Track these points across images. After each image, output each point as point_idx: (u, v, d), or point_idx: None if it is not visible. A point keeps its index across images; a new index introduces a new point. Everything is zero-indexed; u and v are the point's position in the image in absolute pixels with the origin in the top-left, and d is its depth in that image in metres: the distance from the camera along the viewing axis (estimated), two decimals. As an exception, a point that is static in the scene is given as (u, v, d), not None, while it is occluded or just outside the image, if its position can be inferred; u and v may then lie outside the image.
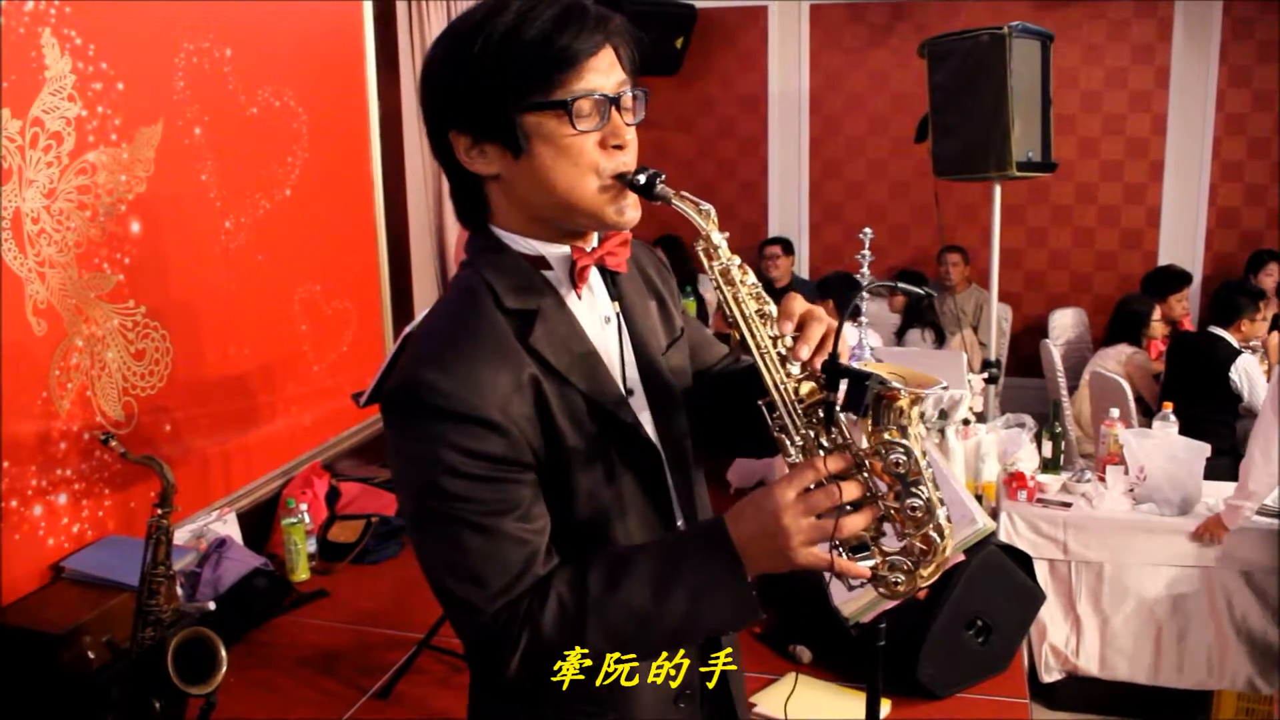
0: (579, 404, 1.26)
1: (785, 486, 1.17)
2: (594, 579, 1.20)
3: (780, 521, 1.16)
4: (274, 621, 3.80)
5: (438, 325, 1.28)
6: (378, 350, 5.06)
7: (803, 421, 1.22)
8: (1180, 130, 7.10)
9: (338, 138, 4.84)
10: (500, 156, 1.23)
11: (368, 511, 4.43)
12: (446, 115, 1.25)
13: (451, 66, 1.22)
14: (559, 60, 1.18)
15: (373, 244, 5.19)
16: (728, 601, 1.20)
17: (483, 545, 1.18)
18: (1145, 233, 7.27)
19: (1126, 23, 7.04)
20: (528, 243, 1.29)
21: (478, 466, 1.18)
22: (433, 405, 1.17)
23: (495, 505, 1.19)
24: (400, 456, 1.23)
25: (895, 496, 1.19)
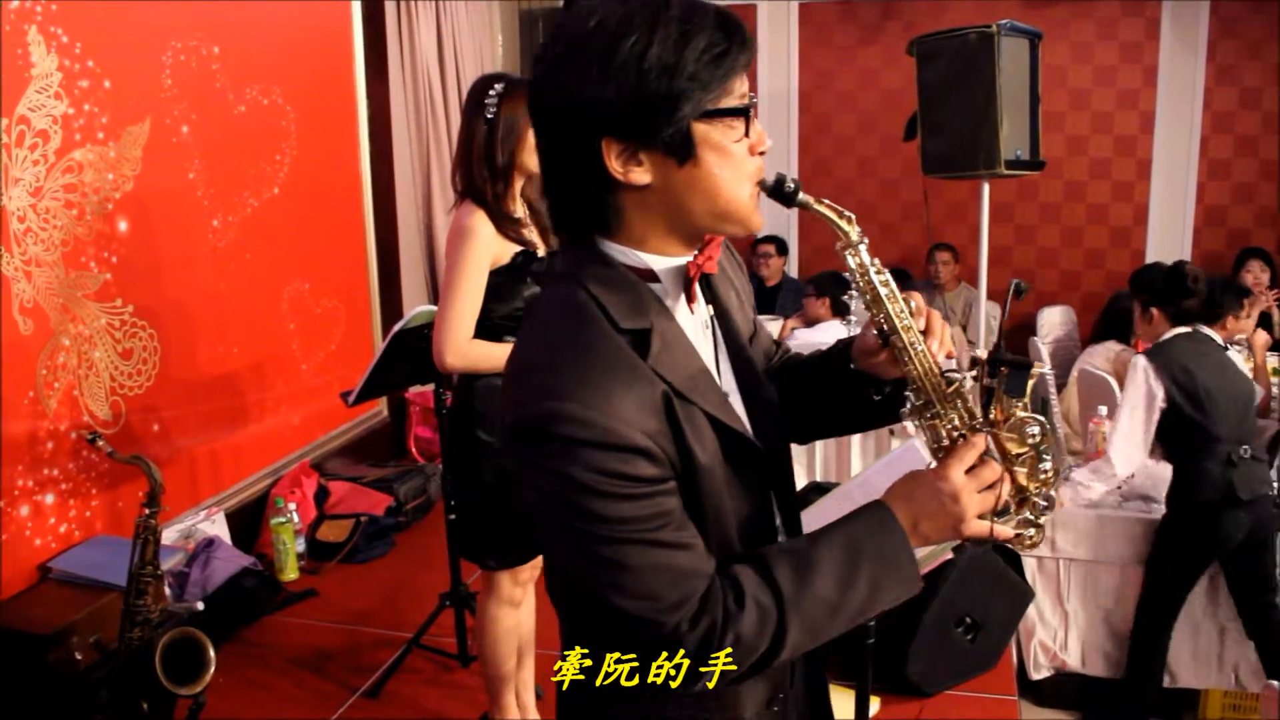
0: (700, 419, 1.24)
1: (955, 467, 1.28)
2: (782, 578, 1.21)
3: (960, 500, 1.26)
4: (263, 621, 3.80)
5: (554, 349, 1.21)
6: (366, 349, 5.05)
7: (949, 407, 1.33)
8: (1168, 128, 7.11)
9: (326, 136, 4.83)
10: (660, 165, 1.20)
11: (356, 511, 4.43)
12: (601, 121, 1.18)
13: (618, 75, 1.16)
14: (730, 69, 1.19)
15: (361, 243, 5.19)
16: (900, 581, 1.26)
17: (648, 560, 1.16)
18: (1133, 231, 7.28)
19: (1115, 21, 7.04)
20: (638, 256, 1.26)
21: (629, 487, 1.15)
22: (577, 439, 1.13)
23: (651, 521, 1.17)
24: (542, 489, 1.19)
25: (1027, 462, 1.34)
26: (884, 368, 1.38)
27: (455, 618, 3.43)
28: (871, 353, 1.38)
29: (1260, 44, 6.87)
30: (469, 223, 2.59)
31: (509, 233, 2.63)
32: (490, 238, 2.60)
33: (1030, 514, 1.36)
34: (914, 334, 1.32)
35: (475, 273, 2.60)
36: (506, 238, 2.63)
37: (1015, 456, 1.33)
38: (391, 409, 5.47)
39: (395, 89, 5.44)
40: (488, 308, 2.64)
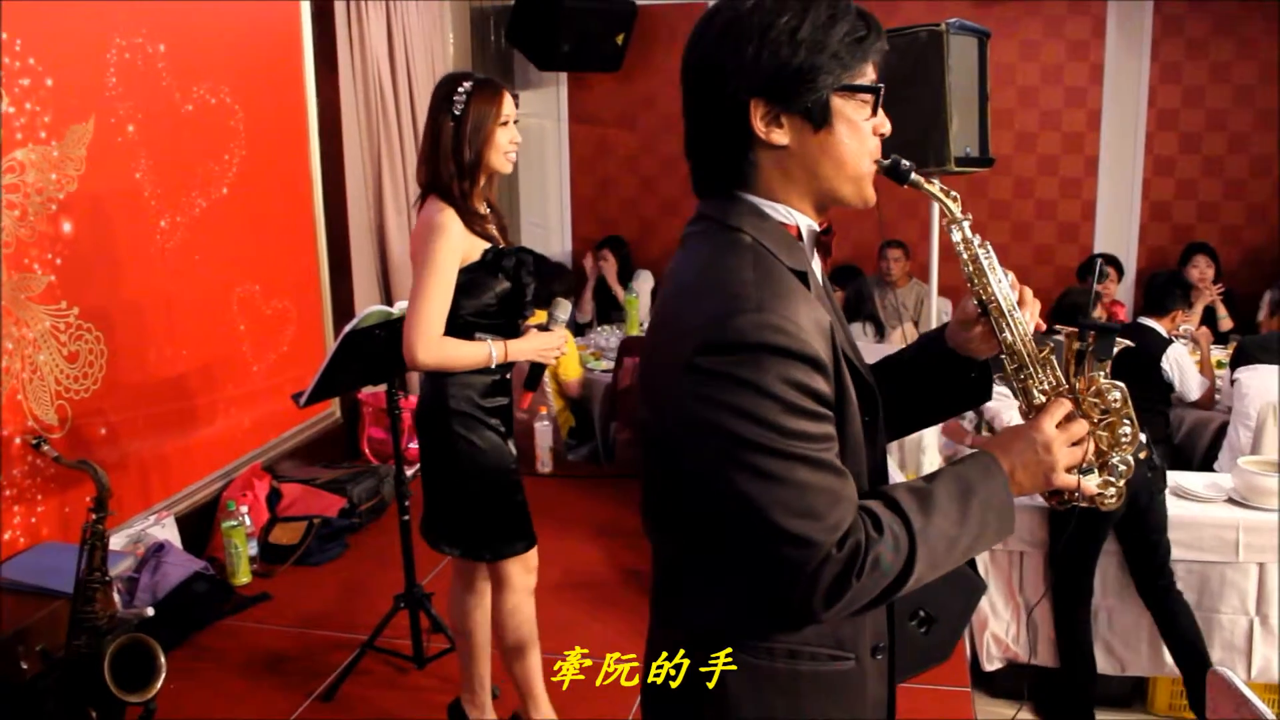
0: (842, 358, 1.34)
1: (1049, 420, 1.41)
2: (911, 511, 1.30)
3: (1052, 450, 1.40)
4: (215, 626, 3.76)
5: (740, 273, 1.30)
6: (318, 350, 5.00)
7: (1040, 370, 1.47)
8: (1114, 126, 7.21)
9: (276, 135, 4.78)
10: (799, 129, 1.34)
11: (309, 513, 4.39)
12: (753, 83, 1.32)
13: (775, 40, 1.30)
14: (867, 52, 1.34)
15: (312, 243, 5.14)
16: (1003, 519, 1.38)
17: (819, 480, 1.24)
18: (1081, 226, 7.37)
19: (1061, 19, 7.13)
20: (786, 211, 1.38)
21: (810, 403, 1.24)
22: (772, 344, 1.22)
23: (824, 441, 1.26)
24: (726, 403, 1.24)
25: (1108, 426, 1.47)
26: (977, 343, 1.53)
27: (410, 619, 3.41)
28: (970, 323, 1.52)
29: (1202, 43, 7.00)
30: (439, 219, 2.60)
31: (476, 228, 2.65)
32: (460, 234, 2.61)
33: (1110, 475, 1.48)
34: (1010, 304, 1.46)
35: (446, 269, 2.60)
36: (474, 233, 2.64)
37: (1098, 420, 1.46)
38: (344, 410, 5.43)
39: (346, 87, 5.39)
40: (457, 304, 2.65)
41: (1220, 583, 3.74)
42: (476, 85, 2.67)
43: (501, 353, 2.72)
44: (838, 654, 1.40)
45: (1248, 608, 3.73)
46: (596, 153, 7.72)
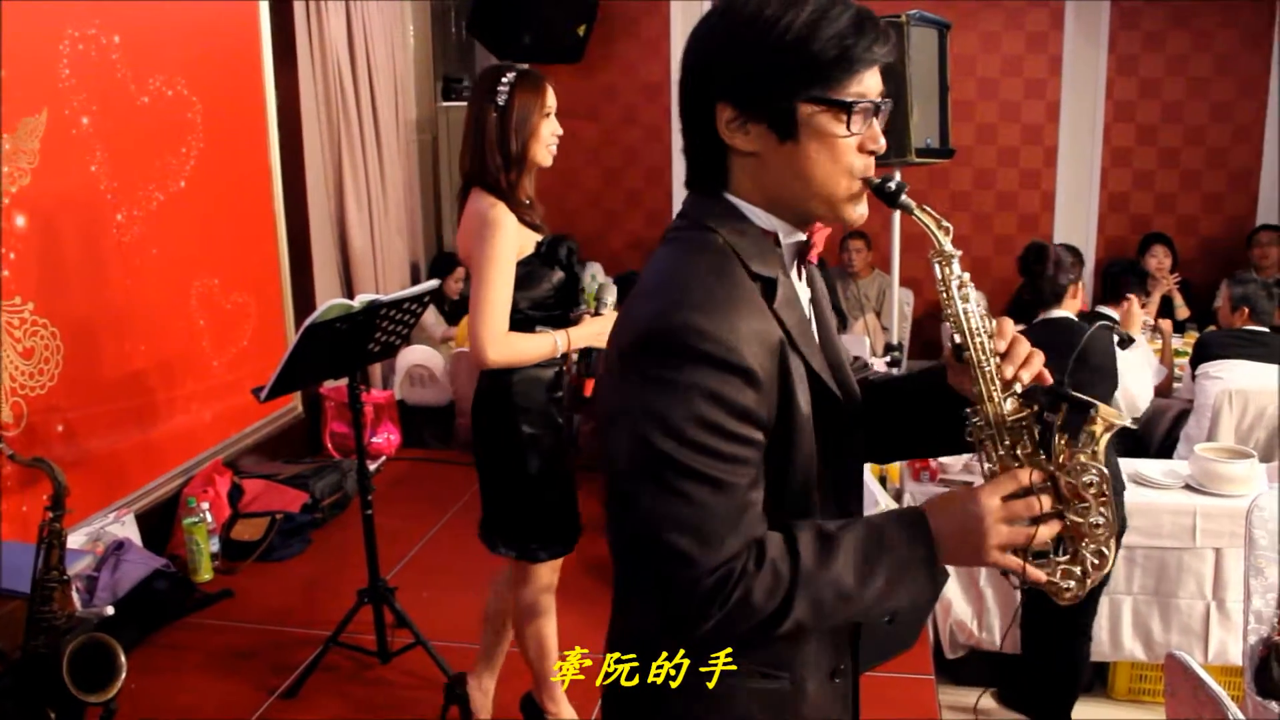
0: (802, 375, 1.29)
1: (991, 492, 1.27)
2: (805, 552, 1.23)
3: (984, 524, 1.26)
4: (176, 624, 3.72)
5: (693, 275, 1.25)
6: (279, 344, 4.96)
7: (1007, 434, 1.31)
8: (1072, 117, 7.29)
9: (234, 128, 4.73)
10: (764, 137, 1.27)
11: (272, 509, 4.36)
12: (719, 86, 1.27)
13: (742, 43, 1.25)
14: (849, 62, 1.23)
15: (272, 237, 5.09)
16: (917, 588, 1.27)
17: (715, 501, 1.19)
18: (1041, 217, 7.45)
19: (1021, 12, 7.19)
20: (767, 217, 1.32)
21: (728, 420, 1.18)
22: (699, 350, 1.17)
23: (734, 463, 1.20)
24: (639, 403, 1.20)
25: (1079, 512, 1.30)
26: (968, 385, 1.37)
27: (374, 614, 3.39)
28: (953, 367, 1.40)
29: (1159, 36, 7.08)
30: (493, 215, 2.57)
31: (526, 219, 2.63)
32: (514, 228, 2.59)
33: (1075, 566, 1.32)
34: (986, 353, 1.31)
35: (505, 265, 2.57)
36: (526, 225, 2.63)
37: (1071, 503, 1.30)
38: (306, 404, 5.39)
39: (305, 80, 5.35)
40: (515, 298, 2.62)
41: (1178, 568, 3.79)
42: (520, 76, 2.64)
43: (565, 342, 2.68)
44: (770, 672, 1.35)
45: (1205, 592, 3.79)
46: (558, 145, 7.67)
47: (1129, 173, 7.32)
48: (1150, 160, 7.28)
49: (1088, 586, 1.32)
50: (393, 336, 3.33)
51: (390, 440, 5.55)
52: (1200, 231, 7.27)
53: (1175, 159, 7.24)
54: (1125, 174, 7.33)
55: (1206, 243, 7.25)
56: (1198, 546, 3.76)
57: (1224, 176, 7.21)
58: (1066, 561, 1.32)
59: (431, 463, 5.52)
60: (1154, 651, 3.85)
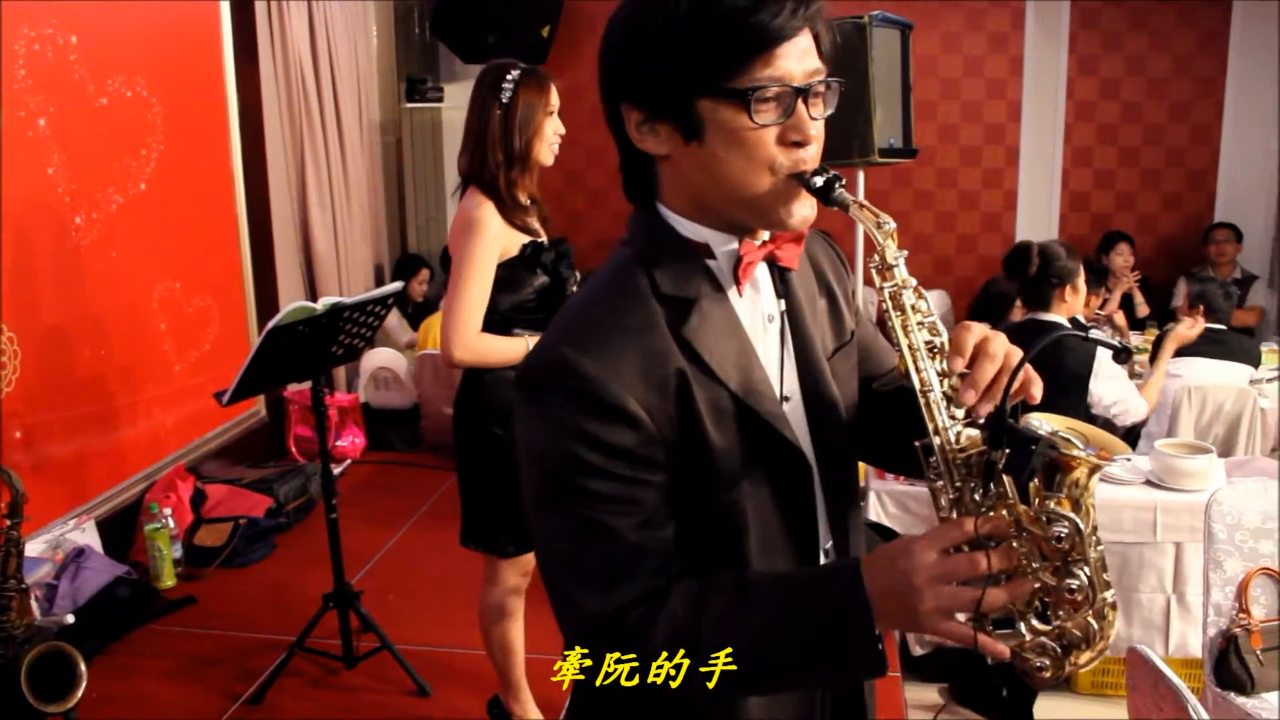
0: (727, 406, 1.15)
1: (926, 545, 1.05)
2: (714, 601, 1.09)
3: (912, 582, 1.03)
4: (139, 631, 3.68)
5: (585, 303, 1.18)
6: (242, 347, 4.92)
7: (960, 473, 1.09)
8: (1034, 117, 7.35)
9: (195, 130, 4.69)
10: (672, 137, 1.13)
11: (235, 514, 4.32)
12: (621, 87, 1.15)
13: (632, 35, 1.12)
14: (749, 43, 1.06)
15: (234, 239, 5.05)
16: (847, 650, 1.08)
17: (598, 545, 1.10)
18: (1003, 216, 7.51)
19: (982, 12, 7.25)
20: (694, 228, 1.18)
21: (607, 462, 1.09)
22: (568, 386, 1.09)
23: (618, 506, 1.10)
24: (528, 436, 1.14)
25: (1053, 572, 1.05)
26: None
27: (339, 619, 3.37)
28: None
29: (1118, 36, 7.15)
30: (477, 215, 2.57)
31: (517, 221, 2.62)
32: (499, 229, 2.59)
33: (1053, 640, 1.08)
34: (932, 377, 1.10)
35: (484, 266, 2.57)
36: (514, 227, 2.61)
37: (1036, 560, 1.06)
38: (270, 408, 5.35)
39: (267, 80, 5.30)
40: (496, 299, 2.62)
41: (1139, 563, 3.83)
42: (524, 74, 2.64)
43: None
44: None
45: (1165, 586, 3.83)
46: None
47: (1090, 172, 7.40)
48: (1110, 159, 7.36)
49: (1069, 666, 1.08)
50: (356, 339, 3.31)
51: (355, 443, 5.52)
52: (1159, 230, 7.35)
53: (1135, 158, 7.33)
54: (1086, 173, 7.40)
55: (1165, 241, 7.34)
56: (1158, 541, 3.80)
57: (1182, 175, 7.30)
58: (1045, 632, 1.08)
59: (397, 465, 5.49)
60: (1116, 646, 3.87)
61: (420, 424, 5.79)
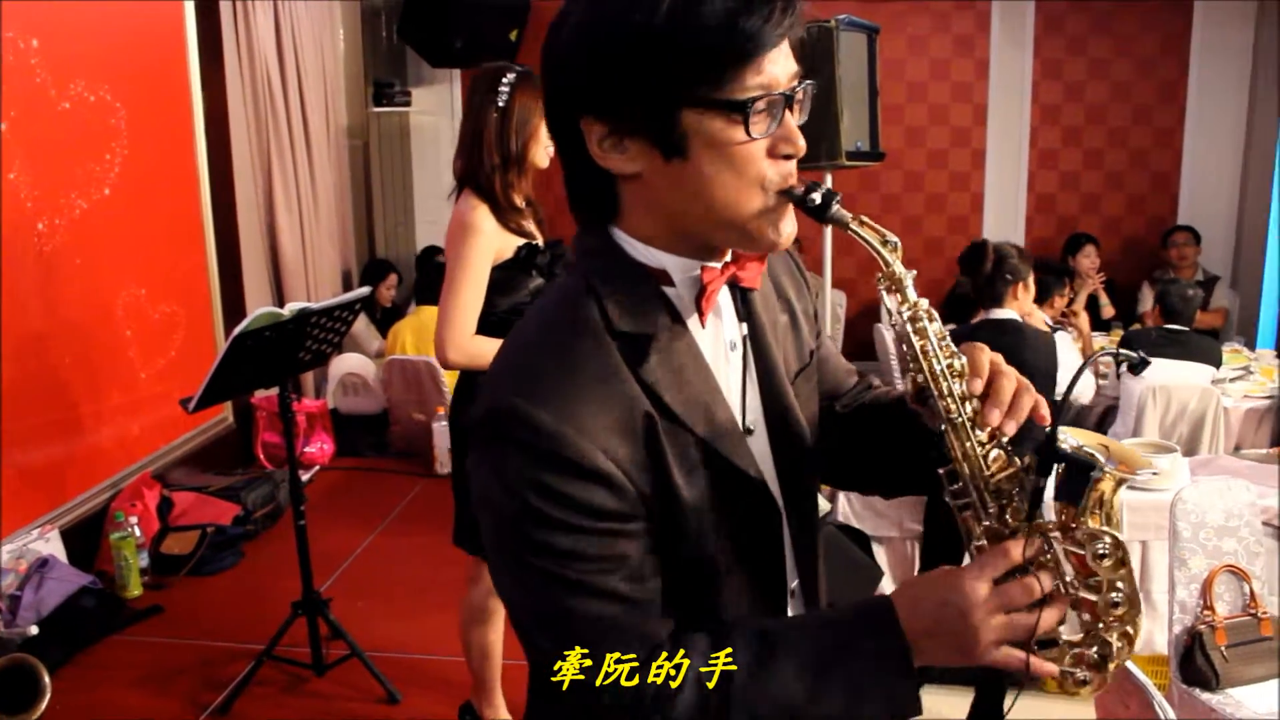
0: (695, 454, 1.05)
1: (976, 578, 1.00)
2: (739, 662, 1.01)
3: (970, 621, 0.99)
4: (104, 642, 3.64)
5: (535, 342, 1.06)
6: (208, 353, 4.88)
7: (991, 498, 1.05)
8: (1000, 120, 7.41)
9: (160, 134, 4.65)
10: (645, 154, 1.01)
11: (203, 521, 4.29)
12: (581, 98, 1.02)
13: (597, 41, 0.99)
14: (742, 49, 0.96)
15: (200, 245, 5.01)
16: (888, 701, 1.02)
17: (588, 608, 0.99)
18: (970, 218, 7.56)
19: (948, 15, 7.30)
20: (652, 253, 1.07)
21: (581, 519, 0.98)
22: (527, 443, 0.97)
23: (600, 563, 0.99)
24: (487, 491, 1.02)
25: (1091, 588, 1.03)
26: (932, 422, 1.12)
27: (308, 626, 3.35)
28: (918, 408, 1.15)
29: (1081, 39, 7.22)
30: (471, 218, 2.58)
31: (511, 224, 2.62)
32: (493, 232, 2.59)
33: (1092, 648, 1.05)
34: (956, 401, 1.05)
35: (478, 269, 2.58)
36: (508, 230, 2.62)
37: (1082, 579, 1.03)
38: (237, 414, 5.31)
39: (232, 85, 5.27)
40: (491, 302, 2.62)
41: (1106, 562, 3.87)
42: (520, 77, 2.64)
43: None
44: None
45: (1132, 585, 3.86)
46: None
47: (1055, 174, 7.46)
48: (1075, 162, 7.42)
49: (1110, 674, 1.05)
50: (324, 345, 3.29)
51: (324, 449, 5.49)
52: (1124, 232, 7.42)
53: (1099, 160, 7.40)
54: (1051, 175, 7.47)
55: (1130, 243, 7.41)
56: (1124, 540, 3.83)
57: (1146, 178, 7.38)
58: (1081, 644, 1.05)
59: (366, 471, 5.46)
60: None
61: (389, 429, 5.76)
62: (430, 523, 4.50)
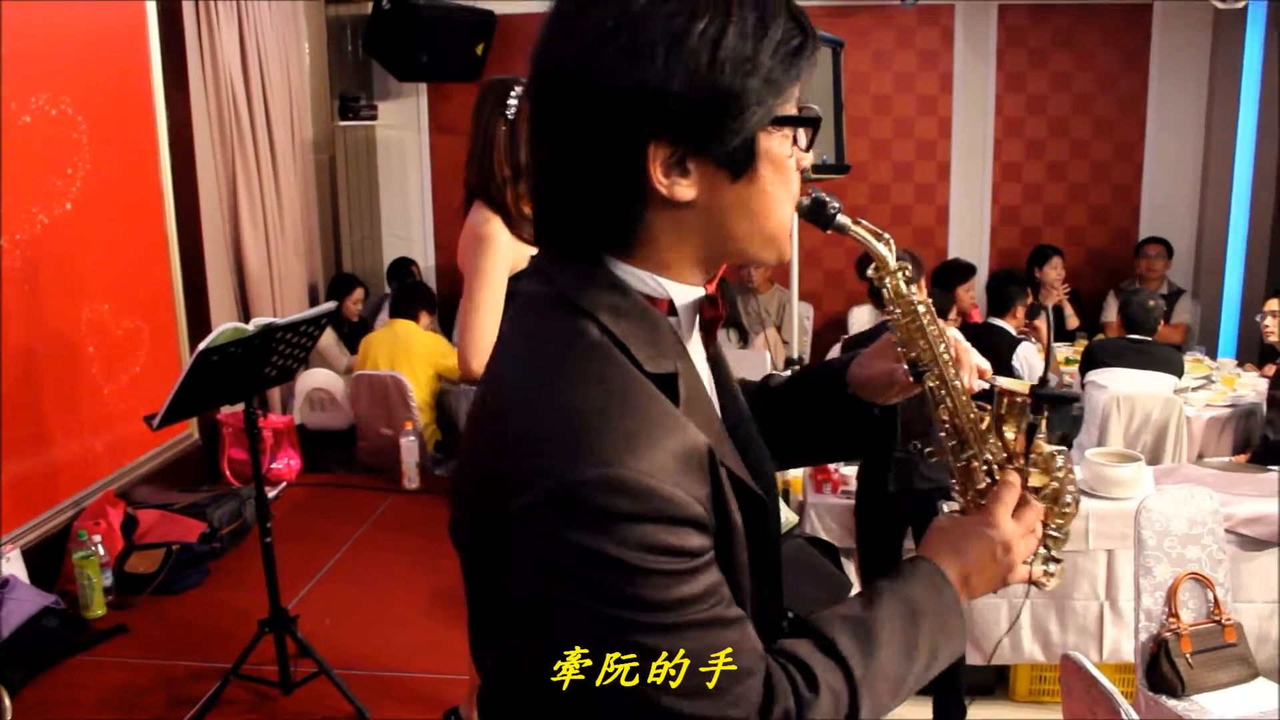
0: (725, 477, 1.02)
1: (1000, 513, 1.17)
2: (850, 654, 1.04)
3: (1012, 550, 1.16)
4: (67, 663, 3.59)
5: (588, 399, 0.96)
6: (173, 369, 4.83)
7: (983, 445, 1.23)
8: (964, 133, 7.48)
9: (123, 148, 4.61)
10: (709, 178, 0.99)
11: (168, 539, 4.24)
12: (655, 121, 0.96)
13: (680, 61, 0.94)
14: (802, 67, 0.99)
15: (164, 260, 4.97)
16: (955, 644, 1.13)
17: (707, 642, 0.95)
18: (935, 231, 7.62)
19: (912, 30, 7.36)
20: (660, 283, 1.04)
21: (680, 563, 0.94)
22: (628, 513, 0.91)
23: (707, 599, 0.96)
24: (568, 573, 0.93)
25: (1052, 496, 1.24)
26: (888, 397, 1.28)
27: (275, 644, 3.32)
28: (885, 387, 1.27)
29: (1043, 53, 7.31)
30: (486, 230, 2.60)
31: (525, 235, 2.63)
32: (508, 244, 2.61)
33: (1050, 549, 1.26)
34: (952, 369, 1.20)
35: (497, 279, 2.60)
36: (522, 240, 2.63)
37: (1037, 491, 1.23)
38: (203, 431, 5.26)
39: (197, 98, 5.23)
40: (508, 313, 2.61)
41: (1073, 570, 3.90)
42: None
43: None
44: None
45: (1098, 593, 3.89)
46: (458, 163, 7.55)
47: (1019, 186, 7.54)
48: (1039, 174, 7.50)
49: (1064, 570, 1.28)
50: (290, 360, 3.27)
51: (291, 465, 5.44)
52: (1088, 243, 7.51)
53: (1063, 173, 7.48)
54: (1015, 188, 7.54)
55: (1094, 253, 7.49)
56: (1090, 549, 3.87)
57: (1108, 190, 7.46)
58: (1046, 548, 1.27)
59: (334, 487, 5.42)
60: (1052, 653, 3.95)
61: (357, 445, 5.73)
62: (398, 538, 4.48)
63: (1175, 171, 7.35)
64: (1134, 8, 7.16)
